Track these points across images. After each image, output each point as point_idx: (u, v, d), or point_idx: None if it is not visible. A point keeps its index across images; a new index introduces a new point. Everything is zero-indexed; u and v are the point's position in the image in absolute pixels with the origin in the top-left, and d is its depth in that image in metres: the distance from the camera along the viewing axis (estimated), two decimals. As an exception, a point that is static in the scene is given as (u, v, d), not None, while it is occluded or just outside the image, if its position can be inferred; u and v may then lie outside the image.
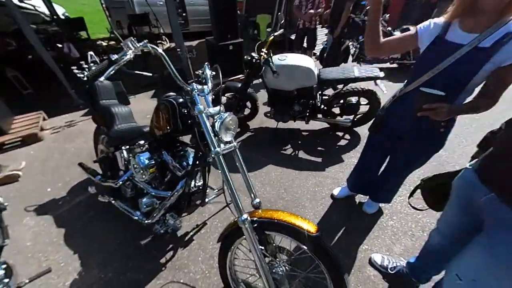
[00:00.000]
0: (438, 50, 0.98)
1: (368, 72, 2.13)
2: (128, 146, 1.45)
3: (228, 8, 3.55)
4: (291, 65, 2.10)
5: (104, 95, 1.76)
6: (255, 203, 1.14)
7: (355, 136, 2.65)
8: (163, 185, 1.34)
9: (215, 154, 0.99)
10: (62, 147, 2.65)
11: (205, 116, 1.03)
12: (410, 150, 1.28)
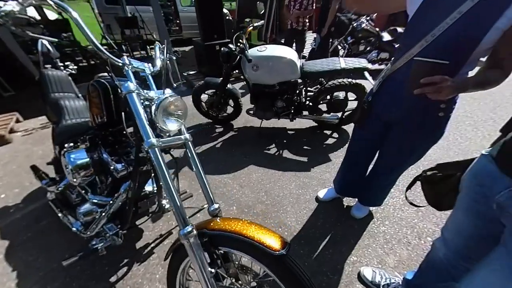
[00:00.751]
0: (432, 8, 0.74)
1: (355, 63, 1.89)
2: (72, 143, 1.18)
3: (214, 8, 3.35)
4: (271, 56, 1.86)
5: (55, 87, 1.49)
6: (211, 209, 0.87)
7: (344, 134, 2.39)
8: (106, 190, 1.06)
9: (149, 147, 0.72)
10: (30, 150, 2.36)
11: (136, 97, 0.76)
12: (403, 142, 1.02)
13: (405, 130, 0.97)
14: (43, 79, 1.47)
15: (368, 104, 1.04)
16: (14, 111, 3.14)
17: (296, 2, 3.38)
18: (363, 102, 1.09)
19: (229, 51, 1.93)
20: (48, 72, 1.48)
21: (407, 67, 0.82)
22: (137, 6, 5.82)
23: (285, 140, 2.37)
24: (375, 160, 1.24)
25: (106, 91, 0.88)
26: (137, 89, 0.78)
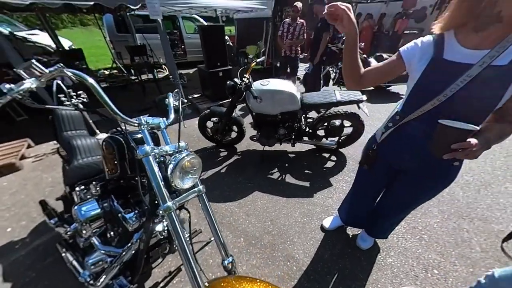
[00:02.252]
0: (440, 72, 0.71)
1: (350, 96, 1.88)
2: (83, 186, 1.09)
3: (217, 38, 3.39)
4: (273, 90, 1.83)
5: (68, 125, 1.42)
6: (225, 264, 0.78)
7: (341, 157, 2.35)
8: (117, 239, 0.96)
9: (164, 210, 0.65)
10: (39, 177, 2.23)
11: (152, 160, 0.70)
12: (415, 186, 0.96)
13: (417, 176, 0.91)
14: (57, 118, 1.39)
15: (373, 151, 0.99)
16: (26, 136, 3.04)
17: (288, 33, 3.48)
18: (367, 148, 1.04)
19: (234, 84, 1.90)
20: (61, 112, 1.41)
21: (420, 122, 0.79)
22: (145, 34, 5.92)
23: (286, 163, 2.30)
24: (383, 198, 1.18)
25: (121, 148, 0.81)
26: (153, 151, 0.71)
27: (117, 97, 4.52)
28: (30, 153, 2.68)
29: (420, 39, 0.78)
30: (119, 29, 5.92)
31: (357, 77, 0.85)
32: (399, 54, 0.80)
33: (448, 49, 0.70)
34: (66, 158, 1.38)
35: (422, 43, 0.76)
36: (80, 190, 1.07)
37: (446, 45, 0.70)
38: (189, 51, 7.14)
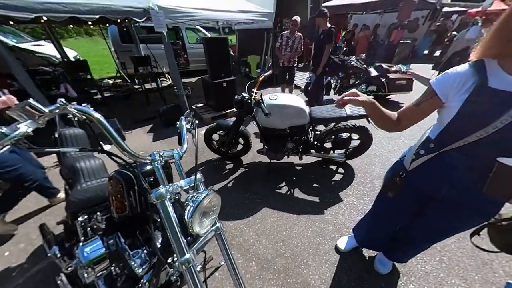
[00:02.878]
0: (486, 102, 0.61)
1: (360, 110, 1.80)
2: (86, 216, 0.97)
3: (221, 50, 3.32)
4: (282, 105, 1.75)
5: (71, 146, 1.31)
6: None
7: (349, 170, 2.25)
8: (123, 280, 0.84)
9: (182, 263, 0.54)
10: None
11: (168, 203, 0.59)
12: (451, 214, 0.85)
13: (456, 204, 0.80)
14: (60, 140, 1.28)
15: (401, 179, 0.89)
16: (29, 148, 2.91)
17: (287, 46, 3.47)
18: (392, 175, 0.93)
19: (242, 98, 1.81)
20: (65, 132, 1.30)
21: (461, 153, 0.69)
22: (149, 44, 5.86)
23: (294, 176, 2.20)
24: (412, 224, 1.05)
25: (130, 183, 0.71)
26: (168, 192, 0.61)
27: (121, 106, 4.41)
28: (32, 166, 2.54)
29: (453, 69, 0.69)
30: (123, 40, 5.87)
31: (393, 125, 0.81)
32: (432, 91, 0.71)
33: (493, 77, 0.61)
34: (69, 181, 1.27)
35: (458, 73, 0.67)
36: (83, 220, 0.95)
37: (490, 72, 0.62)
38: (192, 60, 7.11)
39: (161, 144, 2.97)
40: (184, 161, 2.29)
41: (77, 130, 1.37)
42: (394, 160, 2.35)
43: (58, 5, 2.32)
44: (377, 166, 2.29)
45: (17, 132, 0.45)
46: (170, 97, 4.56)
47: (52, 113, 0.49)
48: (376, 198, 1.15)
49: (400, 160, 0.95)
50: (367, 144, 2.04)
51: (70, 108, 0.51)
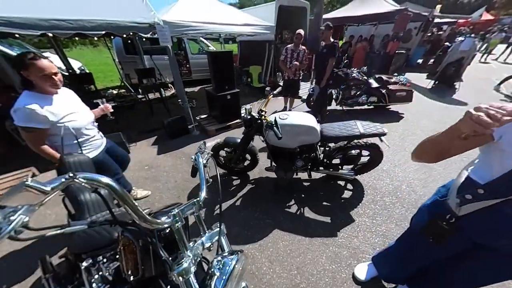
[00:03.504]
0: None
1: (372, 128, 1.72)
2: (91, 260, 0.86)
3: (225, 63, 3.26)
4: (293, 125, 1.66)
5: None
6: None
7: (357, 186, 2.15)
8: None
9: None
10: (42, 215, 1.96)
11: (193, 281, 0.49)
12: (502, 266, 0.74)
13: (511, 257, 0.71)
14: (64, 168, 1.17)
15: (450, 225, 0.76)
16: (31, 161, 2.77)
17: (292, 58, 3.40)
18: (437, 217, 0.80)
19: (252, 118, 1.72)
20: (69, 160, 1.19)
21: None
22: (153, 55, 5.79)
23: (302, 194, 2.09)
24: (450, 267, 0.91)
25: (145, 247, 0.59)
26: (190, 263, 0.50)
27: (125, 116, 4.30)
28: (34, 183, 2.41)
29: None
30: (127, 51, 5.81)
31: (442, 157, 0.72)
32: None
33: None
34: (71, 213, 1.15)
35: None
36: (88, 266, 0.84)
37: None
38: (194, 70, 7.06)
39: (166, 157, 2.86)
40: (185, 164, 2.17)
41: (82, 156, 1.26)
42: (401, 174, 2.30)
43: (64, 22, 2.24)
44: (385, 181, 2.20)
45: (11, 227, 0.34)
46: (173, 107, 4.46)
47: (56, 190, 0.39)
48: (407, 235, 1.04)
49: (441, 199, 0.84)
50: (377, 160, 1.95)
51: (77, 179, 0.41)
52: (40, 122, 1.12)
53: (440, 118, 3.66)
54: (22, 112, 1.09)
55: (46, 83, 1.12)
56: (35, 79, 1.10)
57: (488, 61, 9.10)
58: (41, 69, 1.08)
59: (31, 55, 1.07)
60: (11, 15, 2.00)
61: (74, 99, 1.37)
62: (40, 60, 1.08)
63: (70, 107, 1.27)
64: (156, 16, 2.86)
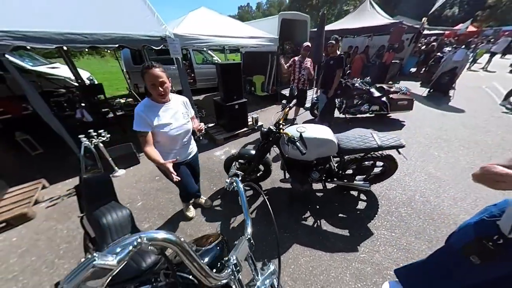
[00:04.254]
0: None
1: (390, 140, 1.66)
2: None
3: (234, 74, 3.22)
4: (312, 138, 1.59)
5: (97, 197, 1.10)
6: None
7: (371, 196, 2.08)
8: None
9: None
10: (53, 230, 1.83)
11: None
12: None
13: None
14: (86, 189, 1.08)
15: (497, 246, 0.72)
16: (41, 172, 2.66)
17: (301, 69, 3.36)
18: (483, 237, 0.76)
19: (269, 131, 1.65)
20: (90, 178, 1.10)
21: None
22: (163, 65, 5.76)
23: (317, 205, 2.01)
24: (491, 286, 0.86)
25: None
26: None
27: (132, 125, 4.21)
28: (44, 196, 2.29)
29: None
30: (135, 61, 5.77)
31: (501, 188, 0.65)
32: None
33: None
34: (92, 237, 1.05)
35: None
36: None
37: None
38: (199, 79, 7.06)
39: (177, 167, 2.76)
40: None
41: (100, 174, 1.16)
42: (412, 184, 2.24)
43: (79, 36, 2.18)
44: (398, 191, 2.13)
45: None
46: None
47: (123, 262, 0.31)
48: (443, 253, 0.96)
49: (488, 218, 0.77)
50: (392, 172, 1.89)
51: (145, 242, 0.33)
52: (144, 126, 1.18)
53: (440, 126, 3.64)
54: (134, 116, 1.17)
55: (153, 92, 1.16)
56: (148, 86, 1.15)
57: (475, 69, 9.28)
58: (149, 78, 1.11)
59: (147, 64, 1.10)
60: (26, 30, 1.94)
61: (180, 109, 1.34)
62: (151, 69, 1.10)
63: (172, 116, 1.28)
64: (167, 30, 2.83)
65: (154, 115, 1.20)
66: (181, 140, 1.39)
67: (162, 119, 1.23)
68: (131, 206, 2.06)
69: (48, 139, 3.06)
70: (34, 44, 1.98)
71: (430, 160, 2.65)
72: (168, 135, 1.27)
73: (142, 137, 1.18)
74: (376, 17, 6.89)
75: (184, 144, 1.45)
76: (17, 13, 2.06)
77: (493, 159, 2.57)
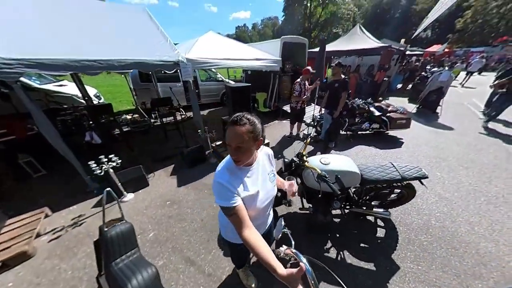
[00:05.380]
0: None
1: (412, 172, 1.59)
2: None
3: (243, 96, 3.17)
4: (338, 171, 1.50)
5: (118, 248, 0.93)
6: None
7: (388, 222, 1.97)
8: None
9: None
10: (56, 271, 1.59)
11: None
12: None
13: None
14: (105, 244, 0.91)
15: None
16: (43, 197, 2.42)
17: (305, 90, 3.41)
18: None
19: (291, 161, 1.55)
20: (111, 233, 0.94)
21: None
22: (166, 83, 5.70)
23: (337, 233, 1.87)
24: None
25: None
26: None
27: (139, 142, 4.02)
28: (47, 227, 2.04)
29: None
30: (142, 79, 5.69)
31: None
32: None
33: None
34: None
35: None
36: None
37: None
38: (203, 95, 7.05)
39: (187, 190, 2.58)
40: None
41: (124, 225, 1.01)
42: (425, 207, 2.16)
43: (95, 62, 2.08)
44: (412, 215, 2.04)
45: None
46: (188, 132, 4.23)
47: None
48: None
49: None
50: (410, 198, 1.81)
51: None
52: (232, 197, 0.77)
53: (437, 144, 3.67)
54: (217, 187, 0.79)
55: (229, 152, 0.80)
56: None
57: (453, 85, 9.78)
58: (227, 136, 0.77)
59: (233, 118, 0.76)
60: (40, 57, 1.81)
61: (266, 168, 0.93)
62: (233, 127, 0.75)
63: (259, 183, 0.86)
64: (180, 55, 2.78)
65: (239, 183, 0.81)
66: (266, 212, 1.00)
67: (250, 188, 0.83)
68: (142, 237, 1.86)
69: (51, 159, 2.83)
70: (48, 71, 1.86)
71: (435, 180, 2.61)
72: (255, 209, 0.87)
73: (234, 215, 0.76)
74: (366, 41, 7.22)
75: (267, 215, 1.04)
76: (31, 39, 1.95)
77: (493, 180, 2.55)
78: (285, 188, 1.06)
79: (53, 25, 2.26)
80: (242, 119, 0.75)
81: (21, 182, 2.73)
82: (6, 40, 1.77)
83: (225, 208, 0.75)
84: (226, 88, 3.18)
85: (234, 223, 0.75)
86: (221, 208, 0.78)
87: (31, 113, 1.98)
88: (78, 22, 2.49)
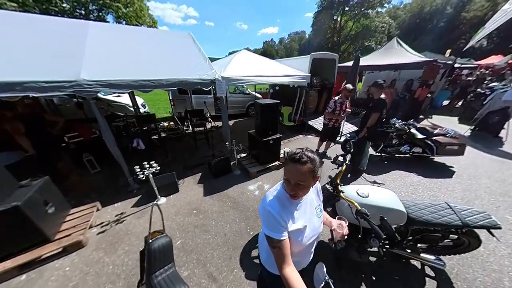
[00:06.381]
0: None
1: (477, 218, 1.31)
2: None
3: (272, 112, 3.21)
4: (378, 207, 1.34)
5: (158, 262, 1.00)
6: None
7: (440, 273, 1.63)
8: None
9: None
10: (101, 262, 1.79)
11: None
12: None
13: None
14: (149, 255, 1.00)
15: None
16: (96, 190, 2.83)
17: (341, 110, 3.26)
18: None
19: (323, 188, 1.46)
20: (154, 246, 1.02)
21: None
22: (199, 95, 6.26)
23: (372, 275, 1.63)
24: None
25: None
26: None
27: (173, 148, 4.39)
28: (96, 220, 2.34)
29: None
30: (179, 91, 6.37)
31: None
32: None
33: None
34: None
35: None
36: None
37: None
38: (230, 106, 7.41)
39: (213, 201, 2.66)
40: None
41: (164, 240, 1.08)
42: (493, 260, 1.72)
43: (149, 82, 2.43)
44: (476, 269, 1.64)
45: None
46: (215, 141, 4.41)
47: None
48: None
49: None
50: (471, 249, 1.47)
51: None
52: (280, 230, 0.75)
53: (503, 177, 2.98)
54: (266, 215, 0.76)
55: (286, 187, 0.78)
56: (284, 177, 0.79)
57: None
58: (287, 172, 0.75)
59: (295, 155, 0.74)
60: (110, 79, 2.22)
61: (314, 202, 0.89)
62: (295, 164, 0.72)
63: (306, 217, 0.82)
64: (216, 73, 3.03)
65: (288, 216, 0.76)
66: (311, 249, 0.90)
67: (297, 222, 0.78)
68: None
69: (105, 159, 3.32)
70: (116, 90, 2.24)
71: (505, 225, 2.08)
72: (300, 245, 0.79)
73: (278, 248, 0.72)
74: (404, 55, 6.64)
75: (310, 253, 0.92)
76: (103, 65, 2.39)
77: None
78: (333, 227, 0.96)
79: (119, 52, 2.76)
80: (303, 156, 0.72)
81: (80, 176, 3.25)
82: (88, 67, 2.23)
83: (272, 239, 0.74)
84: (255, 104, 3.29)
85: (276, 256, 0.73)
86: (267, 237, 0.76)
87: (98, 121, 2.40)
88: (137, 49, 2.99)
